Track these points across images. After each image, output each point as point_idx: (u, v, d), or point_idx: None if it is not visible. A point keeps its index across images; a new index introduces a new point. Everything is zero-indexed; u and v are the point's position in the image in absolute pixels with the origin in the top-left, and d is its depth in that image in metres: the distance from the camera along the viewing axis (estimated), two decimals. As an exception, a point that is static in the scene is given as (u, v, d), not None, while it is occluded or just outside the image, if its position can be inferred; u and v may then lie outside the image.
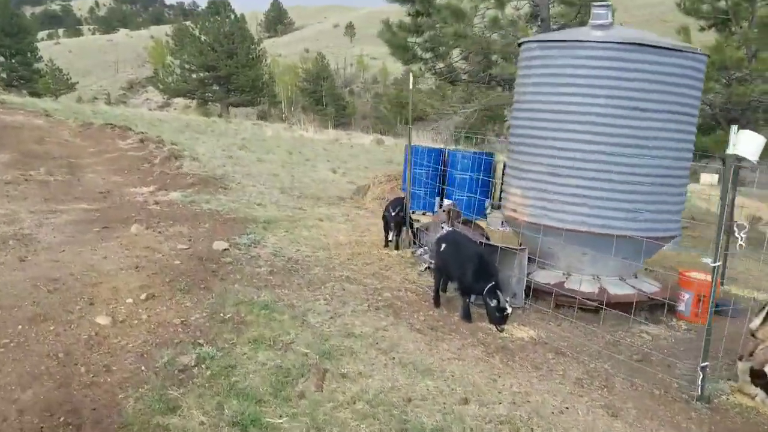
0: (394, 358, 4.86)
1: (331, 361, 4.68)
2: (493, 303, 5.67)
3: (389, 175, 12.84)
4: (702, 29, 13.79)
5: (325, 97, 72.15)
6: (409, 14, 12.03)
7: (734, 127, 5.87)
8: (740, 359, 5.11)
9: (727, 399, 4.92)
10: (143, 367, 4.25)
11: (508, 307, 5.71)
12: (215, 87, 55.78)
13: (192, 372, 4.25)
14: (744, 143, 5.82)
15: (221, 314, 5.30)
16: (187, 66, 54.75)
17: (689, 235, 12.36)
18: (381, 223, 8.58)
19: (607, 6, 6.42)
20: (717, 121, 12.63)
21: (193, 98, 58.35)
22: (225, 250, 7.35)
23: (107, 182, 12.08)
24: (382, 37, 12.67)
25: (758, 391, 4.89)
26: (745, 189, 8.28)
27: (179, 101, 70.26)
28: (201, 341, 4.74)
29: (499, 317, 5.72)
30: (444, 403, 4.27)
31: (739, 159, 6.92)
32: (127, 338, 4.72)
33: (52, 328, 4.74)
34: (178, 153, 15.51)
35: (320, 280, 6.69)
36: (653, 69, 6.00)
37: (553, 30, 11.45)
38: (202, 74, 54.86)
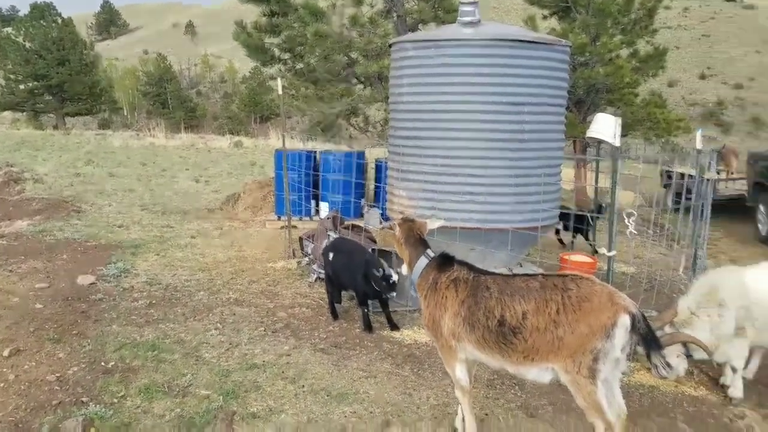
0: (303, 386, 4.56)
1: (237, 400, 4.30)
2: (378, 273, 5.56)
3: (260, 182, 12.34)
4: (545, 17, 14.55)
5: (171, 100, 68.93)
6: (265, 14, 11.55)
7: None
8: None
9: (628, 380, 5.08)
10: (21, 443, 3.66)
11: (393, 275, 5.61)
12: (47, 97, 51.38)
13: (81, 439, 3.72)
14: (601, 126, 6.07)
15: (102, 363, 4.73)
16: (12, 76, 49.94)
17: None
18: (259, 236, 8.18)
19: (475, 3, 6.44)
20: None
21: (23, 111, 53.42)
22: (92, 284, 6.66)
23: (-64, 216, 10.63)
24: (237, 39, 12.09)
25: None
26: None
27: (6, 115, 64.19)
28: (84, 399, 4.17)
29: (385, 286, 5.62)
30: (366, 431, 4.05)
31: (599, 141, 7.25)
32: (-7, 407, 4.06)
33: None
34: (17, 175, 14.04)
35: (206, 307, 6.22)
36: (527, 63, 6.10)
37: (408, 26, 11.50)
38: (30, 84, 50.32)
